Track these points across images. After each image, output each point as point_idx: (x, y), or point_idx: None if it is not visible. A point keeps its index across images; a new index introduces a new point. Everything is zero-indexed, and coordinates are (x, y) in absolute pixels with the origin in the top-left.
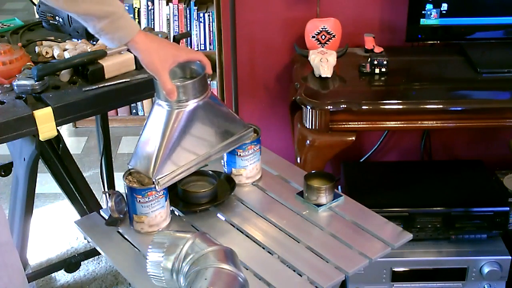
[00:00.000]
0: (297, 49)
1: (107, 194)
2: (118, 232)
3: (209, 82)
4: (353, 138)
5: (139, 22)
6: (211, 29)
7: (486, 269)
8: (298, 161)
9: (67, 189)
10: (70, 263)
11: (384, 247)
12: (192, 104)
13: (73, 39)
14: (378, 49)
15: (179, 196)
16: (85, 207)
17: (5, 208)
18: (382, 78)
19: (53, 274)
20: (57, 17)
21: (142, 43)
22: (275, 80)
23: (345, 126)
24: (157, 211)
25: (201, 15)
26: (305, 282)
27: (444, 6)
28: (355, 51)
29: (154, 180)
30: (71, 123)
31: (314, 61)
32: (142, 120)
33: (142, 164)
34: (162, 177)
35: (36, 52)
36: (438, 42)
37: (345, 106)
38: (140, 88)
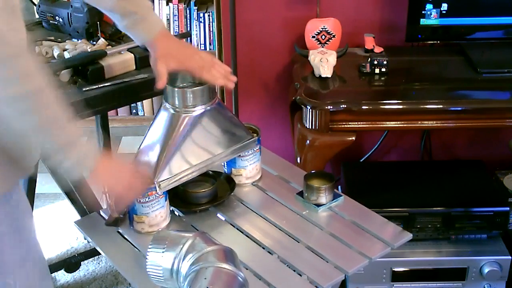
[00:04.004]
0: (297, 49)
1: (107, 194)
2: (118, 232)
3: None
4: (353, 138)
5: None
6: (211, 29)
7: (486, 269)
8: (298, 161)
9: (67, 189)
10: (70, 263)
11: (384, 247)
12: (199, 110)
13: (73, 39)
14: (378, 49)
15: (179, 196)
16: (85, 207)
17: None
18: (382, 78)
19: (53, 274)
20: (57, 17)
21: (158, 45)
22: (275, 80)
23: (345, 126)
24: (157, 211)
25: (201, 15)
26: (305, 282)
27: (444, 6)
28: (355, 51)
29: (155, 182)
30: None
31: (314, 61)
32: (142, 120)
33: (145, 165)
34: (164, 180)
35: (36, 52)
36: (438, 42)
37: (345, 106)
38: (140, 88)
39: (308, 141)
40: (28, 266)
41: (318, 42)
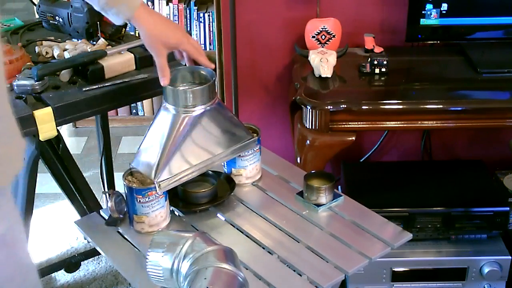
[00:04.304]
0: (297, 49)
1: (107, 194)
2: (118, 232)
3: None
4: (353, 138)
5: None
6: (211, 29)
7: (486, 269)
8: (298, 161)
9: (67, 189)
10: (70, 263)
11: (384, 247)
12: (199, 110)
13: (73, 39)
14: (378, 49)
15: (179, 196)
16: (85, 207)
17: None
18: (382, 78)
19: (53, 274)
20: (57, 17)
21: (145, 20)
22: (275, 80)
23: (345, 126)
24: (157, 211)
25: (201, 15)
26: (305, 282)
27: (444, 6)
28: (355, 51)
29: (155, 182)
30: (71, 123)
31: (314, 61)
32: (142, 120)
33: (145, 165)
34: (164, 180)
35: (36, 52)
36: (438, 42)
37: (345, 106)
38: (140, 88)
39: (308, 141)
40: (17, 281)
41: (318, 42)
